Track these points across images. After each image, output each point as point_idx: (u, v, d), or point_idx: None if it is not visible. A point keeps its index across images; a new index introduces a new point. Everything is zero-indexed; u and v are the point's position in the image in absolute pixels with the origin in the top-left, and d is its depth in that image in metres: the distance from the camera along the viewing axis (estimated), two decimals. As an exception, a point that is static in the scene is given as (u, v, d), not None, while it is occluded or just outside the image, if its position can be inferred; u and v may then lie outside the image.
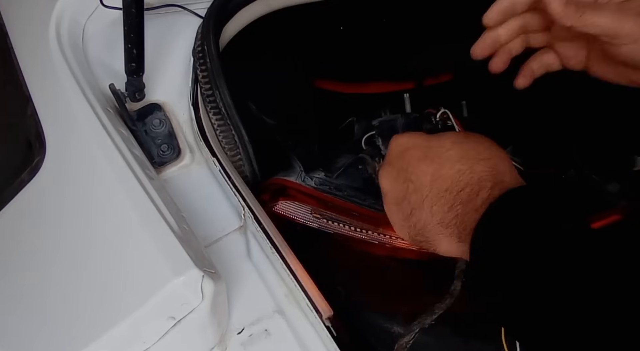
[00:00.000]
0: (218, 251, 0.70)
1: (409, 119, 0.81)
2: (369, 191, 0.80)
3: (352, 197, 0.80)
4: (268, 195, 0.82)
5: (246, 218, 0.73)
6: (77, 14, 0.89)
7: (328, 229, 0.80)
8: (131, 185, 0.66)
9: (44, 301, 0.63)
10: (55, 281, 0.64)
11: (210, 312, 0.58)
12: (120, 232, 0.64)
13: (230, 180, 0.76)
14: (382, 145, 0.80)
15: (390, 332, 0.63)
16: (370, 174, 0.80)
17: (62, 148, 0.76)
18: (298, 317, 0.64)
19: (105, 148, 0.70)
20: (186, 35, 0.89)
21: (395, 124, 0.80)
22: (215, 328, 0.61)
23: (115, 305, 0.58)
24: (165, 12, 0.92)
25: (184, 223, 0.66)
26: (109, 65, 0.86)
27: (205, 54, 0.82)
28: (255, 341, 0.62)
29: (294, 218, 0.80)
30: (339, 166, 0.82)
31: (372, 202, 0.79)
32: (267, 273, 0.68)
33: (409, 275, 0.75)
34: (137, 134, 0.81)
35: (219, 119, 0.83)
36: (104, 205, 0.67)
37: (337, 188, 0.80)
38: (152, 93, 0.84)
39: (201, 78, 0.83)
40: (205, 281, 0.56)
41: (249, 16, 0.99)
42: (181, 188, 0.78)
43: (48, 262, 0.67)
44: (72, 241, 0.67)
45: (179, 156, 0.81)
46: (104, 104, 0.78)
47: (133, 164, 0.68)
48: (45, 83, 0.84)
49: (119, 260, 0.61)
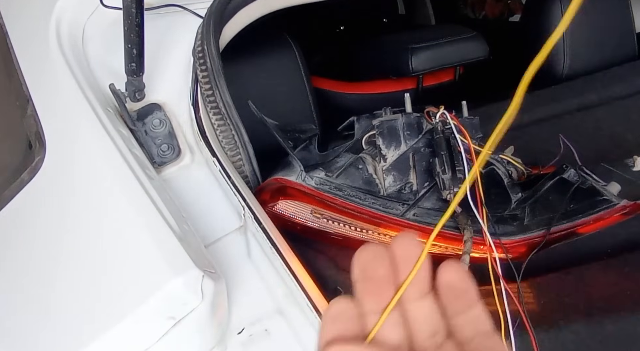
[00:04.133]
0: (218, 251, 0.70)
1: (409, 119, 0.81)
2: (369, 191, 0.80)
3: (353, 196, 0.80)
4: (268, 194, 0.82)
5: (246, 218, 0.73)
6: (77, 14, 0.89)
7: (328, 229, 0.79)
8: (131, 185, 0.66)
9: (44, 301, 0.63)
10: (56, 281, 0.64)
11: (210, 312, 0.58)
12: (120, 231, 0.64)
13: (230, 180, 0.76)
14: (383, 145, 0.79)
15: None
16: (370, 174, 0.80)
17: (62, 148, 0.76)
18: (298, 317, 0.64)
19: (105, 148, 0.70)
20: (186, 35, 0.89)
21: (395, 124, 0.80)
22: (215, 328, 0.61)
23: (116, 305, 0.58)
24: (165, 12, 0.92)
25: (184, 223, 0.66)
26: (109, 65, 0.86)
27: (205, 54, 0.82)
28: (255, 341, 0.62)
29: (294, 218, 0.80)
30: (339, 166, 0.82)
31: (372, 202, 0.79)
32: (267, 273, 0.68)
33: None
34: (137, 134, 0.81)
35: (219, 119, 0.83)
36: (104, 205, 0.67)
37: (337, 187, 0.80)
38: (152, 93, 0.84)
39: (201, 78, 0.83)
40: (205, 281, 0.56)
41: (249, 16, 0.99)
42: (181, 188, 0.78)
43: (48, 262, 0.67)
44: (72, 241, 0.67)
45: (179, 156, 0.81)
46: (104, 104, 0.78)
47: (133, 164, 0.68)
48: (45, 83, 0.84)
49: (119, 260, 0.61)
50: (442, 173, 0.74)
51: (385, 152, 0.79)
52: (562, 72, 1.47)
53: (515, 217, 0.77)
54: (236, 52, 1.04)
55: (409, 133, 0.80)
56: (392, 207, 0.79)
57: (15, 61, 0.91)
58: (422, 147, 0.80)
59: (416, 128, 0.81)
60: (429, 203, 0.79)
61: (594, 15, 1.51)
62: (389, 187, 0.79)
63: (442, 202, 0.78)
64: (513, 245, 0.75)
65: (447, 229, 0.77)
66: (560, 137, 0.88)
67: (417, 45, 1.59)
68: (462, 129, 0.79)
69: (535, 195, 0.77)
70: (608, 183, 0.79)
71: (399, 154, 0.80)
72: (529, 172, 0.85)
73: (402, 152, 0.80)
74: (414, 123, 0.81)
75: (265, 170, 0.89)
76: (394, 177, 0.79)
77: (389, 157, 0.79)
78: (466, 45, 1.64)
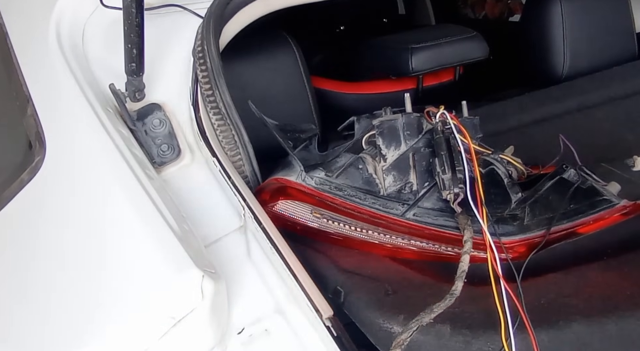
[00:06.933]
0: (218, 251, 0.70)
1: (409, 119, 0.81)
2: (369, 191, 0.80)
3: (353, 196, 0.80)
4: (268, 194, 0.82)
5: (246, 218, 0.73)
6: (77, 14, 0.89)
7: (328, 229, 0.79)
8: (131, 185, 0.66)
9: (44, 300, 0.63)
10: (56, 281, 0.64)
11: (210, 312, 0.58)
12: (120, 231, 0.64)
13: (230, 180, 0.76)
14: (383, 145, 0.79)
15: (390, 332, 0.63)
16: (370, 174, 0.80)
17: (62, 148, 0.76)
18: (298, 317, 0.64)
19: (105, 148, 0.70)
20: (186, 35, 0.89)
21: (395, 124, 0.80)
22: (215, 328, 0.61)
23: (116, 305, 0.58)
24: (165, 12, 0.92)
25: (184, 223, 0.66)
26: (109, 65, 0.86)
27: (205, 54, 0.82)
28: (256, 341, 0.62)
29: (294, 217, 0.80)
30: (339, 166, 0.82)
31: (372, 202, 0.79)
32: (267, 273, 0.68)
33: (409, 275, 0.75)
34: (137, 134, 0.81)
35: (219, 119, 0.83)
36: (103, 204, 0.67)
37: (337, 187, 0.80)
38: (152, 93, 0.84)
39: (201, 78, 0.83)
40: (205, 281, 0.56)
41: (249, 16, 0.99)
42: (181, 188, 0.78)
43: (48, 262, 0.67)
44: (72, 241, 0.67)
45: (179, 156, 0.81)
46: (104, 104, 0.78)
47: (133, 164, 0.69)
48: (45, 83, 0.84)
49: (119, 260, 0.61)
50: (442, 173, 0.74)
51: (385, 152, 0.79)
52: (562, 72, 1.47)
53: (515, 217, 0.77)
54: (236, 52, 1.04)
55: (409, 133, 0.80)
56: (392, 207, 0.79)
57: (15, 61, 0.91)
58: (422, 147, 0.80)
59: (416, 128, 0.81)
60: (429, 203, 0.79)
61: (594, 15, 1.51)
62: (389, 186, 0.79)
63: (442, 202, 0.78)
64: (513, 245, 0.75)
65: (447, 229, 0.77)
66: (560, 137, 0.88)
67: (417, 45, 1.59)
68: (462, 129, 0.79)
69: (535, 195, 0.77)
70: (608, 183, 0.79)
71: (399, 154, 0.80)
72: (529, 172, 0.85)
73: (402, 152, 0.80)
74: (414, 123, 0.81)
75: (265, 170, 0.89)
76: (394, 177, 0.79)
77: (389, 157, 0.79)
78: (466, 45, 1.64)
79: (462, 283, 0.65)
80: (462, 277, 0.66)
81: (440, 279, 0.72)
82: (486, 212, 0.72)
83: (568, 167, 0.77)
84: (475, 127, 0.85)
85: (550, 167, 0.86)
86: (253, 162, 0.86)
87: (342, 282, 0.71)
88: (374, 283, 0.71)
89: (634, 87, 1.26)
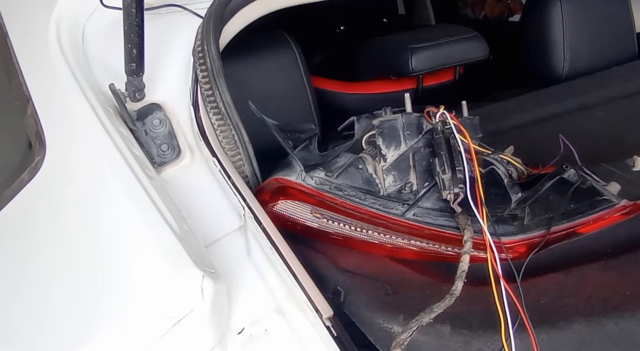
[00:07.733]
0: (218, 251, 0.70)
1: (409, 119, 0.81)
2: (369, 191, 0.80)
3: (353, 196, 0.80)
4: (268, 194, 0.82)
5: (246, 218, 0.73)
6: (77, 14, 0.89)
7: (328, 229, 0.79)
8: (131, 185, 0.66)
9: (44, 300, 0.63)
10: (56, 281, 0.64)
11: (210, 312, 0.58)
12: (120, 231, 0.64)
13: (230, 180, 0.76)
14: (383, 145, 0.79)
15: (390, 332, 0.63)
16: (370, 174, 0.81)
17: (62, 148, 0.76)
18: (298, 317, 0.64)
19: (105, 148, 0.70)
20: (186, 35, 0.89)
21: (395, 124, 0.80)
22: (215, 328, 0.61)
23: (115, 305, 0.58)
24: (165, 12, 0.92)
25: (184, 223, 0.66)
26: (109, 65, 0.86)
27: (205, 54, 0.82)
28: (255, 341, 0.62)
29: (294, 217, 0.80)
30: (339, 166, 0.82)
31: (372, 202, 0.79)
32: (267, 273, 0.68)
33: (409, 275, 0.75)
34: (137, 134, 0.81)
35: (219, 119, 0.83)
36: (103, 204, 0.67)
37: (337, 187, 0.80)
38: (152, 93, 0.84)
39: (201, 78, 0.83)
40: (205, 281, 0.56)
41: (249, 16, 0.99)
42: (181, 188, 0.78)
43: (48, 262, 0.67)
44: (72, 241, 0.67)
45: (179, 156, 0.81)
46: (104, 104, 0.78)
47: (133, 164, 0.69)
48: (45, 83, 0.84)
49: (119, 260, 0.61)
50: (442, 173, 0.74)
51: (385, 152, 0.79)
52: (562, 72, 1.47)
53: (515, 217, 0.78)
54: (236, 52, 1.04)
55: (409, 133, 0.80)
56: (392, 207, 0.79)
57: (15, 61, 0.91)
58: (422, 147, 0.80)
59: (416, 128, 0.81)
60: (429, 203, 0.79)
61: (594, 15, 1.51)
62: (389, 186, 0.79)
63: (442, 202, 0.78)
64: (513, 245, 0.75)
65: (447, 229, 0.77)
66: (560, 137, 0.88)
67: (417, 45, 1.59)
68: (462, 129, 0.79)
69: (535, 195, 0.77)
70: (608, 183, 0.79)
71: (399, 154, 0.80)
72: (529, 172, 0.85)
73: (402, 152, 0.80)
74: (414, 123, 0.81)
75: (265, 170, 0.89)
76: (394, 177, 0.79)
77: (389, 157, 0.79)
78: (466, 45, 1.65)
79: (462, 283, 0.65)
80: (462, 277, 0.66)
81: (440, 279, 0.72)
82: (486, 212, 0.72)
83: (568, 167, 0.77)
84: (475, 127, 0.85)
85: (550, 167, 0.86)
86: (253, 162, 0.86)
87: (342, 282, 0.71)
88: (374, 283, 0.71)
89: (634, 87, 1.26)
